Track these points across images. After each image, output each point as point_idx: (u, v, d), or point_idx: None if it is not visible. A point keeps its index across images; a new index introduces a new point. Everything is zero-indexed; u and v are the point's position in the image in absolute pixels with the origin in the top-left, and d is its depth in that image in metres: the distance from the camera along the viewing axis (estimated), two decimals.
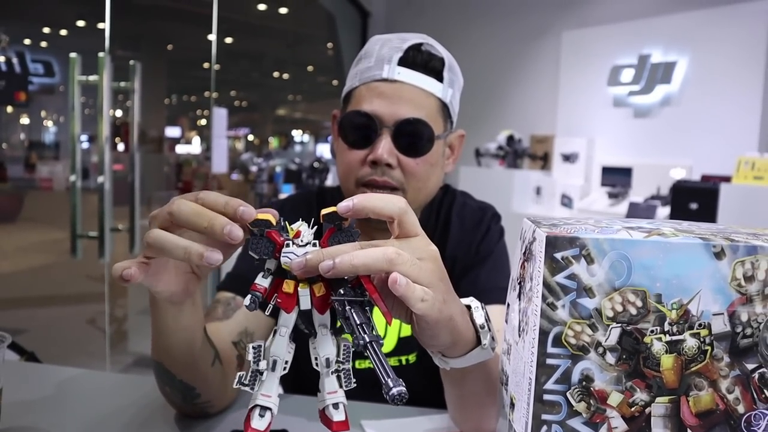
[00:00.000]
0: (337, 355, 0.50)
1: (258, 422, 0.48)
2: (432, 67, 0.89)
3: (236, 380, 0.49)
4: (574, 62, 4.85)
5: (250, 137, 13.38)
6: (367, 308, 0.48)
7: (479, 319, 0.59)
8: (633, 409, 0.44)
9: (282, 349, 0.49)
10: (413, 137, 0.87)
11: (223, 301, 0.88)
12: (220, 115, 3.49)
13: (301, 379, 1.08)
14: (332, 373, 0.50)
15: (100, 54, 1.84)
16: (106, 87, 1.84)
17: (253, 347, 0.49)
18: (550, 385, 0.44)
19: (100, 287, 2.53)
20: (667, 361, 0.44)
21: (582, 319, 0.44)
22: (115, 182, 1.92)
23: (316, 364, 0.50)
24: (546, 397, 0.44)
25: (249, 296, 0.47)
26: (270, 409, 0.49)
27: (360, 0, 5.58)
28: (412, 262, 0.50)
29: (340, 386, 0.51)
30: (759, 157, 3.29)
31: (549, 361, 0.44)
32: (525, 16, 5.16)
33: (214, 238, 0.49)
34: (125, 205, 1.94)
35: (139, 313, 3.07)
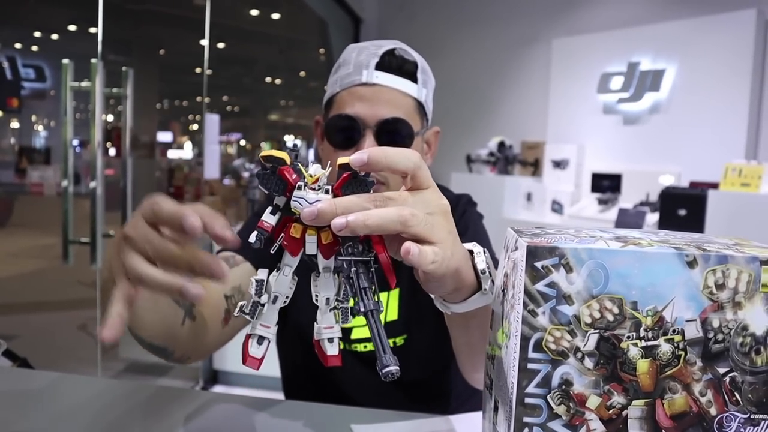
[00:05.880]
0: (337, 295, 0.51)
1: (256, 350, 0.48)
2: (406, 70, 0.96)
3: (237, 309, 0.49)
4: (564, 69, 4.90)
5: (242, 142, 13.35)
6: (373, 267, 0.48)
7: (481, 264, 0.59)
8: (610, 411, 0.46)
9: (284, 286, 0.50)
10: (394, 135, 0.93)
11: (222, 257, 0.91)
12: (213, 121, 3.50)
13: (296, 385, 1.10)
14: (330, 310, 0.51)
15: (93, 60, 1.85)
16: (99, 93, 1.85)
17: (256, 281, 0.49)
18: (531, 388, 0.46)
19: (92, 293, 2.52)
20: (643, 366, 0.46)
21: (561, 326, 0.45)
22: (106, 187, 1.92)
23: (316, 300, 0.51)
24: (527, 400, 0.46)
25: (255, 233, 0.47)
26: (267, 339, 0.49)
27: (352, 6, 5.60)
28: (425, 222, 0.50)
29: (337, 321, 0.51)
30: (746, 164, 3.34)
31: (530, 365, 0.46)
32: (515, 23, 5.20)
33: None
34: (117, 210, 1.95)
35: None
